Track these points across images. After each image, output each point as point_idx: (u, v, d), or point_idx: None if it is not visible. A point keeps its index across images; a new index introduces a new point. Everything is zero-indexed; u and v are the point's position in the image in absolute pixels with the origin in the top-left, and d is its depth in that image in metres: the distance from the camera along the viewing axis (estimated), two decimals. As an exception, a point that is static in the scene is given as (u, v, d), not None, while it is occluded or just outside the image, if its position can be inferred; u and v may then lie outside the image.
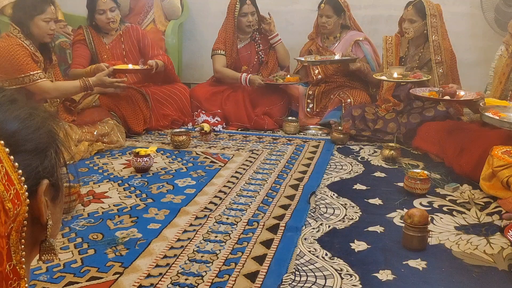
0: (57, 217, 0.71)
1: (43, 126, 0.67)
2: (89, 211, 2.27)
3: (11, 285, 0.61)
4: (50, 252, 0.68)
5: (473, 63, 4.29)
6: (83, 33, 3.69)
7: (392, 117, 3.42)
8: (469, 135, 2.82)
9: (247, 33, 4.09)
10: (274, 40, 4.11)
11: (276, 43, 4.12)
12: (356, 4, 4.45)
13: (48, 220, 0.65)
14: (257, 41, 4.15)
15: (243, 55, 4.13)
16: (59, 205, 0.71)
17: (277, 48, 4.13)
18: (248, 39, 4.14)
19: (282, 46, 4.14)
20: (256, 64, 4.16)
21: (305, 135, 3.67)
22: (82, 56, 3.66)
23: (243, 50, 4.14)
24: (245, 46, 4.15)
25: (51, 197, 0.67)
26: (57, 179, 0.68)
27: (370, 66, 3.87)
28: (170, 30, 4.50)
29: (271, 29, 4.08)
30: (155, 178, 2.73)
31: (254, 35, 4.13)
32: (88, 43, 3.68)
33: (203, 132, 3.44)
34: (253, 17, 3.99)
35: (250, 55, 4.15)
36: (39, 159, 0.64)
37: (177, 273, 1.75)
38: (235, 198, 2.45)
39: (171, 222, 2.15)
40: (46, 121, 0.68)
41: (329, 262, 1.84)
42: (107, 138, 3.22)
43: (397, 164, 2.98)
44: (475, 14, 4.31)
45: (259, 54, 4.15)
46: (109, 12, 3.61)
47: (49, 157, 0.66)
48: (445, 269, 1.81)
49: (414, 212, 1.94)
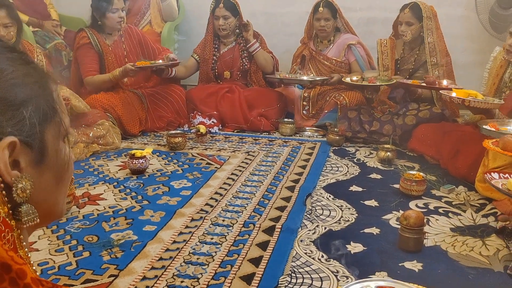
0: (46, 184, 0.68)
1: (25, 82, 0.64)
2: (84, 213, 2.26)
3: (5, 237, 0.60)
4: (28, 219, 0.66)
5: (468, 64, 4.30)
6: (87, 36, 3.63)
7: (387, 119, 3.43)
8: (464, 137, 2.83)
9: (224, 37, 4.08)
10: (252, 49, 4.05)
11: (254, 51, 4.05)
12: (352, 6, 4.46)
13: (15, 181, 0.63)
14: (241, 46, 4.11)
15: (226, 59, 4.12)
16: (48, 172, 0.68)
17: (255, 57, 4.07)
18: (232, 43, 4.12)
19: (260, 54, 4.05)
20: (241, 69, 4.13)
21: (301, 137, 3.67)
22: (92, 61, 3.62)
23: (225, 54, 4.12)
24: (229, 51, 4.13)
25: (30, 159, 0.65)
26: (36, 139, 0.65)
27: (361, 70, 3.87)
28: (166, 31, 4.50)
29: (247, 38, 4.03)
30: (151, 180, 2.72)
31: (239, 39, 4.12)
32: (94, 45, 3.64)
33: (199, 134, 3.44)
34: (226, 21, 3.96)
35: (232, 59, 4.12)
36: (6, 114, 0.62)
37: (172, 275, 1.74)
38: (231, 200, 2.44)
39: (167, 224, 2.15)
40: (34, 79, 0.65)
41: (325, 264, 1.83)
42: (102, 140, 3.21)
43: (393, 166, 2.99)
44: (470, 16, 4.34)
45: (243, 60, 4.11)
46: (121, 11, 3.62)
47: (21, 114, 0.63)
48: (441, 271, 1.81)
49: (410, 214, 1.94)
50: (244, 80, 4.17)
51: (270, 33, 4.44)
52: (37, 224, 0.68)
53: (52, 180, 0.70)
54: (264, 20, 4.67)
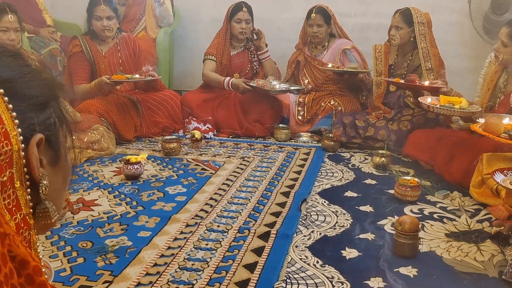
0: (57, 186, 0.70)
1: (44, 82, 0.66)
2: (78, 219, 2.25)
3: (22, 234, 0.62)
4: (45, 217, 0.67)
5: (462, 70, 4.33)
6: (80, 44, 3.64)
7: (382, 125, 3.44)
8: (459, 143, 2.84)
9: (240, 40, 4.10)
10: (263, 56, 4.14)
11: (265, 59, 4.14)
12: (347, 12, 4.48)
13: (42, 178, 0.64)
14: (251, 50, 4.16)
15: (235, 62, 4.14)
16: (60, 173, 0.70)
17: (264, 64, 4.16)
18: (241, 47, 4.15)
19: (269, 62, 4.16)
20: (249, 72, 4.16)
21: (296, 142, 3.67)
22: (83, 70, 3.63)
23: (235, 58, 4.14)
24: (238, 54, 4.15)
25: (49, 159, 0.66)
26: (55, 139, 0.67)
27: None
28: (161, 37, 4.50)
29: (260, 45, 4.11)
30: (146, 185, 2.71)
31: (248, 44, 4.15)
32: (86, 53, 3.64)
33: (194, 139, 3.43)
34: (247, 25, 4.01)
35: (242, 63, 4.15)
36: (36, 111, 0.63)
37: (167, 281, 1.74)
38: (226, 205, 2.44)
39: (162, 230, 2.14)
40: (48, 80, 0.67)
41: (320, 269, 1.83)
42: (97, 145, 3.20)
43: (387, 171, 2.99)
44: (463, 22, 4.36)
45: (253, 64, 4.16)
46: (105, 20, 3.59)
47: (47, 113, 0.65)
48: (436, 277, 1.81)
49: (405, 219, 1.95)
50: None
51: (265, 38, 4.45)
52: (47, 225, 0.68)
53: (61, 182, 0.71)
54: (259, 25, 4.64)
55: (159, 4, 4.52)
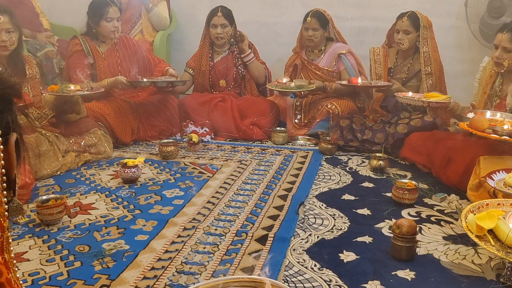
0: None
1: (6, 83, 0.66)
2: (75, 223, 2.24)
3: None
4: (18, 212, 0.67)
5: (458, 74, 4.34)
6: (80, 43, 3.67)
7: (379, 128, 3.45)
8: (456, 146, 2.84)
9: (219, 45, 4.09)
10: (246, 59, 4.11)
11: (249, 62, 4.11)
12: (344, 16, 4.49)
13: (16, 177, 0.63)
14: (235, 54, 4.14)
15: (219, 68, 4.13)
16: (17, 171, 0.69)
17: (249, 67, 4.13)
18: (225, 52, 4.14)
19: (255, 65, 4.13)
20: (236, 77, 4.15)
21: (293, 146, 3.67)
22: (84, 68, 3.63)
23: (219, 64, 4.14)
24: (222, 60, 4.14)
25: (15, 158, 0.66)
26: (21, 138, 0.66)
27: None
28: (158, 40, 4.50)
29: (242, 48, 4.09)
30: (143, 189, 2.71)
31: (232, 48, 4.14)
32: (86, 52, 3.67)
33: (192, 143, 3.43)
34: (223, 29, 3.99)
35: (226, 68, 4.14)
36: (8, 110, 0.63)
37: (164, 285, 1.73)
38: (223, 209, 2.44)
39: (159, 234, 2.14)
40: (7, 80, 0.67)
41: (318, 273, 1.83)
42: (94, 149, 3.19)
43: (385, 174, 2.99)
44: (460, 26, 4.38)
45: (238, 68, 4.14)
46: (116, 21, 3.65)
47: (13, 112, 0.65)
48: (434, 280, 1.81)
49: (403, 222, 1.95)
50: (237, 89, 4.18)
51: (262, 42, 4.47)
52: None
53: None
54: (256, 29, 4.69)
55: (148, 10, 4.54)
